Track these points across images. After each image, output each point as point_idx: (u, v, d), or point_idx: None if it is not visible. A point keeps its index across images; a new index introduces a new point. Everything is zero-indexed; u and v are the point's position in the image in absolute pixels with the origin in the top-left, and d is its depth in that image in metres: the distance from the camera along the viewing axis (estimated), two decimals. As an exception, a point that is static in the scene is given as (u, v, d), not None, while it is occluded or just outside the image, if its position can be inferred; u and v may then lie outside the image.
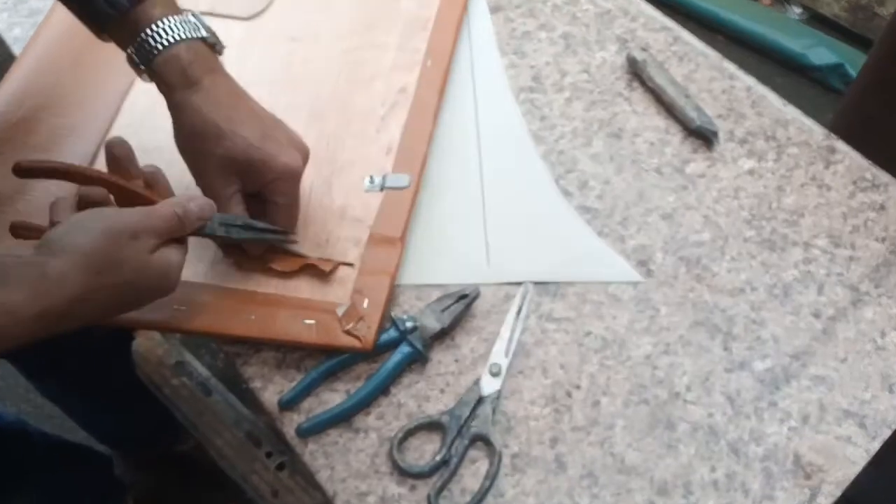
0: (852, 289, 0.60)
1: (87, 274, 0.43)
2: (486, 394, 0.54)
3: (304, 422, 0.53)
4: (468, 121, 0.68)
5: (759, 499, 0.52)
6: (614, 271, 0.60)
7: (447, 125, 0.66)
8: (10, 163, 0.57)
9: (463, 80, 0.70)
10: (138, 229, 0.46)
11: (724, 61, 0.73)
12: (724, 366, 0.57)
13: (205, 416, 0.62)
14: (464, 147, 0.66)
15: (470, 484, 0.52)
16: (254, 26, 0.70)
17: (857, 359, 0.57)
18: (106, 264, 0.44)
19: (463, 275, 0.60)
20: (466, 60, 0.71)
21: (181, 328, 0.55)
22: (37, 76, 0.66)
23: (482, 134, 0.67)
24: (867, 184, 0.65)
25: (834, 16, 1.75)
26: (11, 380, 1.11)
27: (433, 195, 0.63)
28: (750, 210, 0.64)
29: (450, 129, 0.66)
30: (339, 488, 0.52)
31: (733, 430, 0.54)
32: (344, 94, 0.66)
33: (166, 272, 0.48)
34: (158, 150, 0.61)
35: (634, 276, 0.60)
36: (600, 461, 0.53)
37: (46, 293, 0.42)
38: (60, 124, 0.63)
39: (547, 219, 0.63)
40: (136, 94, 0.66)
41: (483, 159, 0.65)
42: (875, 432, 0.54)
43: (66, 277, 0.43)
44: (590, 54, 0.73)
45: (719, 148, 0.67)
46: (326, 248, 0.57)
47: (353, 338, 0.53)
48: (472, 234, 0.61)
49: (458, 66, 0.70)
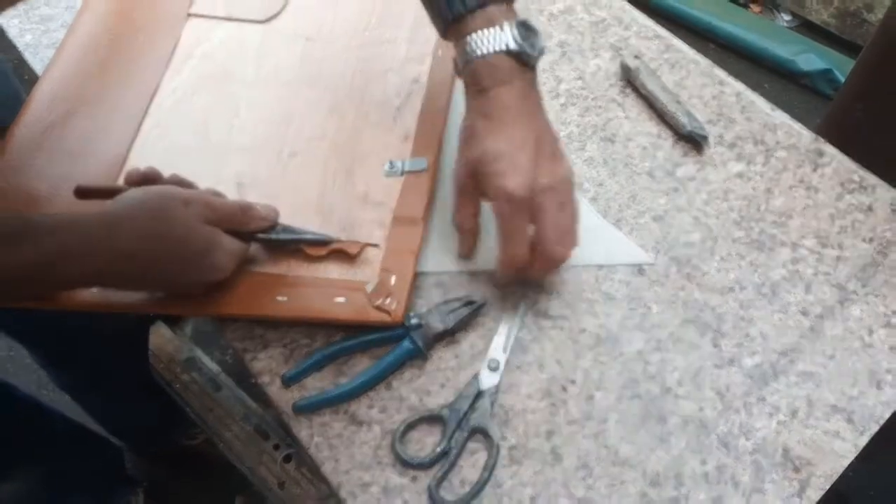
0: (840, 288, 0.60)
1: (140, 219, 0.48)
2: (484, 388, 0.55)
3: (299, 399, 0.54)
4: None
5: (748, 491, 0.52)
6: (627, 255, 0.61)
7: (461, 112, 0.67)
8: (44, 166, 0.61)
9: None
10: (192, 198, 0.51)
11: (715, 68, 0.73)
12: (714, 362, 0.57)
13: (214, 411, 0.63)
14: None
15: (469, 475, 0.53)
16: (270, 29, 0.72)
17: (845, 355, 0.57)
18: (157, 213, 0.49)
19: (481, 261, 0.61)
20: None
21: (212, 312, 0.56)
22: (65, 83, 0.67)
23: None
24: (854, 186, 0.66)
25: (823, 22, 1.76)
26: (26, 372, 1.12)
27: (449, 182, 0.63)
28: (739, 211, 0.65)
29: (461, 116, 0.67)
30: (344, 479, 0.53)
31: (723, 424, 0.55)
32: (360, 87, 0.68)
33: (214, 244, 0.51)
34: (186, 150, 0.64)
35: (646, 258, 0.61)
36: (594, 453, 0.54)
37: (105, 236, 0.47)
38: (90, 128, 0.65)
39: None
40: (163, 96, 0.67)
41: None
42: (863, 427, 0.54)
43: (122, 219, 0.48)
44: (584, 62, 0.74)
45: (709, 152, 0.68)
46: (352, 231, 0.59)
47: (384, 312, 0.55)
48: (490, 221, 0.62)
49: None
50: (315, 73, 0.69)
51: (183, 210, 0.50)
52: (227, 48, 0.71)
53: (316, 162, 0.63)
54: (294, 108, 0.67)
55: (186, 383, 0.64)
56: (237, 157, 0.64)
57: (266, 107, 0.67)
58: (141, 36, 0.71)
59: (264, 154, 0.64)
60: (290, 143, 0.65)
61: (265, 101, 0.67)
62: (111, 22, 0.72)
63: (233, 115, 0.66)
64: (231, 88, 0.68)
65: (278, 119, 0.66)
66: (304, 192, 0.62)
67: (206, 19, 0.73)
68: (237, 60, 0.70)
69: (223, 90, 0.68)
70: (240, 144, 0.65)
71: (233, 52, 0.71)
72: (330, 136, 0.65)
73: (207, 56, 0.70)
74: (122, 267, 0.48)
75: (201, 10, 0.73)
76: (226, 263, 0.53)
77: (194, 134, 0.65)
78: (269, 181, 0.62)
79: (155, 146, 0.65)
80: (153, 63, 0.69)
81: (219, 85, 0.68)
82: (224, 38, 0.72)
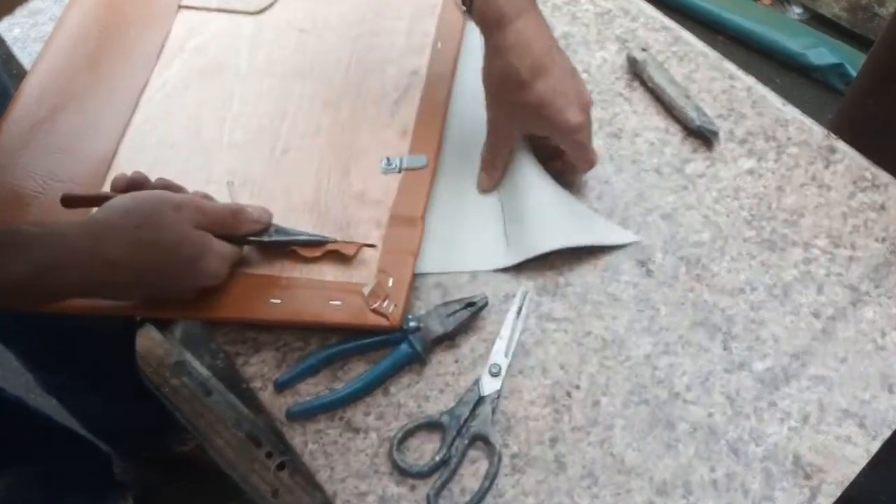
0: (852, 289, 0.60)
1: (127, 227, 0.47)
2: (485, 394, 0.54)
3: (293, 405, 0.54)
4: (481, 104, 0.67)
5: (758, 499, 0.52)
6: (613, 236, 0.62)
7: (461, 108, 0.67)
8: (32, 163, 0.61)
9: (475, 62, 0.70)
10: (183, 203, 0.50)
11: (725, 61, 0.73)
12: (724, 366, 0.57)
13: (205, 416, 0.62)
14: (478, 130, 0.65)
15: (470, 484, 0.52)
16: (263, 20, 0.71)
17: (857, 359, 0.57)
18: (146, 220, 0.48)
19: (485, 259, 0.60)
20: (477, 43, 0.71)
21: (204, 316, 0.55)
22: (54, 78, 0.67)
23: None
24: (867, 184, 0.65)
25: (834, 16, 1.75)
26: (14, 376, 1.11)
27: (449, 180, 0.63)
28: (750, 210, 0.64)
29: (464, 111, 0.67)
30: (339, 488, 0.52)
31: (733, 430, 0.54)
32: (356, 80, 0.67)
33: (206, 249, 0.50)
34: (176, 145, 0.64)
35: (631, 238, 0.62)
36: (600, 461, 0.53)
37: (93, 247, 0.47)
38: (79, 123, 0.64)
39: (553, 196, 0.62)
40: (153, 91, 0.67)
41: None
42: (875, 432, 0.54)
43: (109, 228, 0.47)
44: (590, 54, 0.73)
45: (719, 148, 0.67)
46: (348, 231, 0.58)
47: (381, 316, 0.54)
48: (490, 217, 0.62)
49: (468, 48, 0.70)
50: (309, 65, 0.68)
51: (174, 215, 0.49)
52: (219, 41, 0.70)
53: (310, 158, 0.62)
54: (288, 102, 0.66)
55: (176, 388, 0.64)
56: (229, 153, 0.63)
57: (259, 101, 0.66)
58: (131, 29, 0.71)
59: (257, 150, 0.63)
60: (284, 139, 0.64)
61: (258, 96, 0.66)
62: (100, 15, 0.71)
63: (225, 110, 0.65)
64: (223, 82, 0.67)
65: (271, 114, 0.65)
66: (298, 189, 0.61)
67: (198, 11, 0.72)
68: (229, 53, 0.69)
69: (215, 84, 0.67)
70: (232, 140, 0.64)
71: (225, 45, 0.70)
72: (325, 131, 0.64)
73: (199, 49, 0.69)
74: (112, 276, 0.48)
75: (193, 1, 0.73)
76: (218, 269, 0.52)
77: (185, 129, 0.64)
78: (261, 178, 0.62)
79: (145, 141, 0.64)
80: (143, 57, 0.69)
81: (210, 79, 0.68)
82: (216, 31, 0.71)
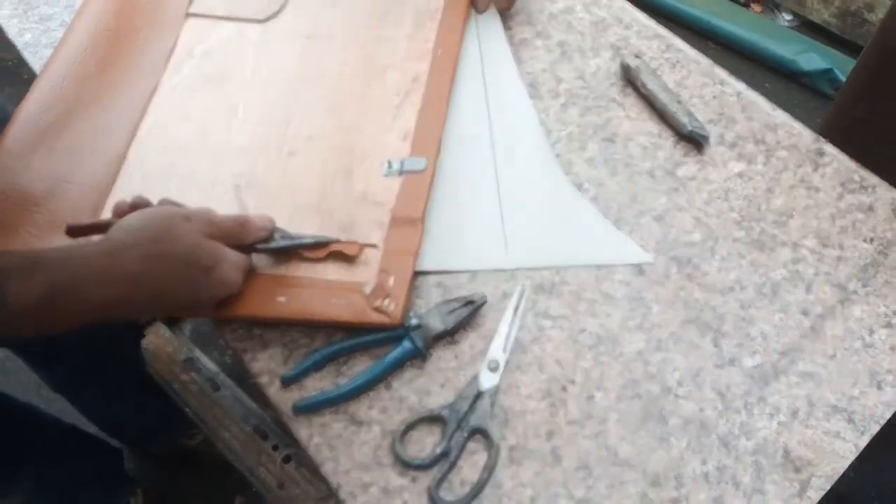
0: (840, 288, 0.60)
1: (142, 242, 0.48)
2: (484, 388, 0.55)
3: (299, 400, 0.54)
4: (479, 108, 0.69)
5: (749, 492, 0.52)
6: (626, 254, 0.61)
7: (459, 112, 0.68)
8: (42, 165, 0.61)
9: (473, 68, 0.71)
10: (192, 214, 0.51)
11: (716, 67, 0.73)
12: (715, 362, 0.57)
13: (213, 411, 0.63)
14: (476, 133, 0.67)
15: (469, 475, 0.53)
16: (269, 28, 0.72)
17: (846, 356, 0.57)
18: (159, 233, 0.49)
19: (482, 261, 0.61)
20: (475, 50, 0.73)
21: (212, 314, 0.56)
22: (64, 82, 0.67)
23: (493, 120, 0.68)
24: (855, 185, 0.66)
25: (823, 22, 1.75)
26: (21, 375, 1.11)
27: (449, 182, 0.64)
28: (740, 211, 0.64)
29: (462, 115, 0.68)
30: (343, 480, 0.53)
31: (724, 425, 0.55)
32: (359, 86, 0.68)
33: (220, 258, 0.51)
34: (184, 149, 0.64)
35: (645, 258, 0.61)
36: (595, 454, 0.54)
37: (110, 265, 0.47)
38: (89, 127, 0.65)
39: (559, 204, 0.64)
40: (162, 96, 0.67)
41: (495, 145, 0.66)
42: (864, 427, 0.55)
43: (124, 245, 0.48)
44: (585, 61, 0.74)
45: (710, 151, 0.68)
46: (351, 231, 0.59)
47: (382, 314, 0.55)
48: (489, 220, 0.63)
49: (467, 54, 0.71)
50: (314, 71, 0.69)
51: (185, 226, 0.50)
52: (226, 48, 0.71)
53: (315, 161, 0.63)
54: (293, 107, 0.66)
55: (185, 383, 0.64)
56: (236, 156, 0.64)
57: (265, 106, 0.67)
58: (140, 35, 0.71)
59: (263, 154, 0.64)
60: (289, 143, 0.65)
61: (264, 101, 0.67)
62: (110, 21, 0.72)
63: (231, 115, 0.66)
64: (230, 88, 0.68)
65: (277, 118, 0.66)
66: (303, 191, 0.62)
67: (206, 19, 0.73)
68: (236, 60, 0.70)
69: (222, 89, 0.68)
70: (238, 144, 0.65)
71: (232, 52, 0.71)
72: (329, 135, 0.65)
73: (207, 55, 0.70)
74: (131, 293, 0.48)
75: (200, 9, 0.73)
76: (234, 276, 0.52)
77: (193, 133, 0.65)
78: (267, 181, 0.62)
79: (153, 146, 0.65)
80: (152, 62, 0.69)
81: (218, 84, 0.68)
82: (223, 38, 0.71)
